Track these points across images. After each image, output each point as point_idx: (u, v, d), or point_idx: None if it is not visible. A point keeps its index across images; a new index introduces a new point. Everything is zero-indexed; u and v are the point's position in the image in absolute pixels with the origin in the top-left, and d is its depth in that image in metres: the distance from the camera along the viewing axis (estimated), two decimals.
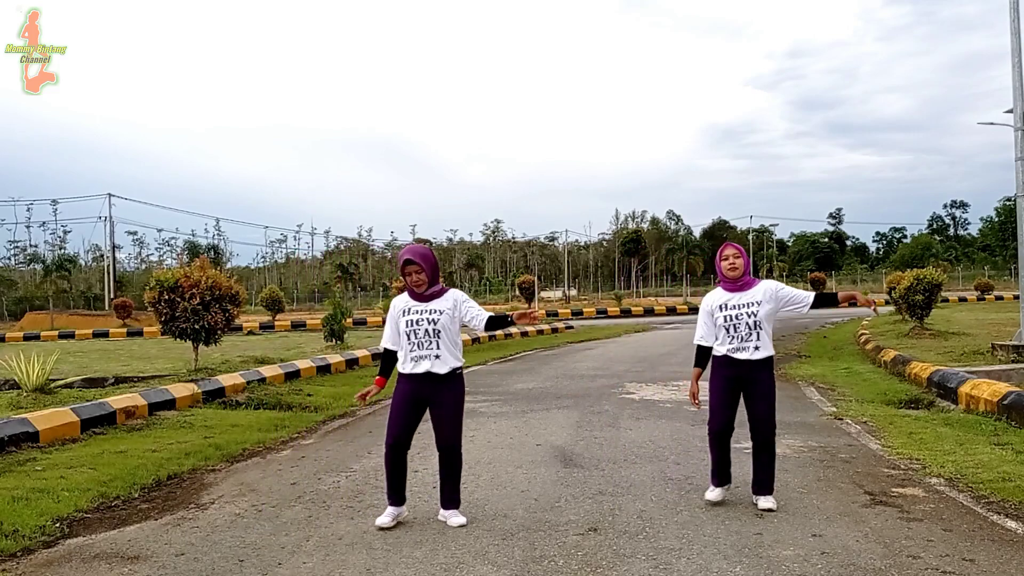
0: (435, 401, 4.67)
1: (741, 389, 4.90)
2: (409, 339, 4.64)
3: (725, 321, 4.86)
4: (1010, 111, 13.34)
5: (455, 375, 4.69)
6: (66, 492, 5.40)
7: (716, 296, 4.99)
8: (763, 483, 4.90)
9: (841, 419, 8.06)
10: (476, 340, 20.48)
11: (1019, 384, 8.58)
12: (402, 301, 4.75)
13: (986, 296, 40.40)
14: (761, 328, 4.82)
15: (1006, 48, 12.96)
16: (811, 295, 5.02)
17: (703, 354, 5.04)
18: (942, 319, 19.94)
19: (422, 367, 4.61)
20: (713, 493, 4.96)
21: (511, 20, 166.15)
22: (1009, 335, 13.88)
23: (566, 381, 11.95)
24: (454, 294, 4.77)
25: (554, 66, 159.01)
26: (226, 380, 10.59)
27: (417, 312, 4.64)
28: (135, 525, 4.83)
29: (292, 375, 12.21)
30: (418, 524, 4.66)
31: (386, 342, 4.80)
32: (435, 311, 4.63)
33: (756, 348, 4.82)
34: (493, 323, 4.76)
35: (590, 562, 3.94)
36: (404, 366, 4.68)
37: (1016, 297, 25.93)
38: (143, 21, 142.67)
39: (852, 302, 5.24)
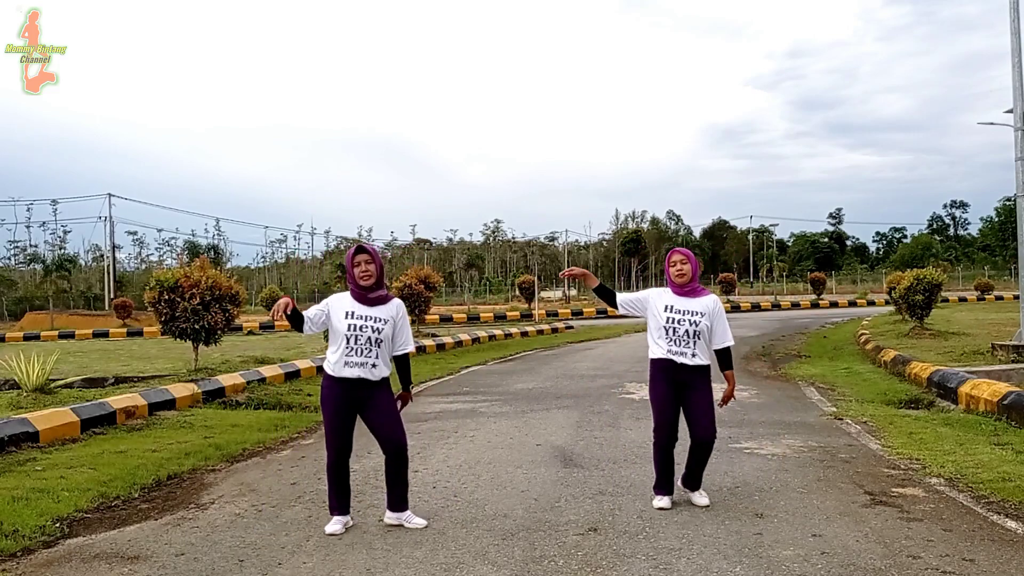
0: (368, 406, 4.54)
1: (680, 393, 4.89)
2: (348, 343, 4.45)
3: (666, 323, 4.86)
4: (1010, 111, 13.34)
5: (385, 381, 4.59)
6: (66, 492, 5.40)
7: (665, 295, 4.97)
8: (696, 479, 4.98)
9: (841, 419, 8.06)
10: (476, 340, 20.49)
11: (1019, 384, 8.59)
12: (344, 301, 4.57)
13: (986, 296, 40.39)
14: (699, 338, 4.83)
15: (1006, 48, 12.98)
16: (726, 344, 4.93)
17: (610, 293, 5.04)
18: (942, 319, 19.94)
19: (355, 373, 4.47)
20: (663, 501, 4.94)
21: (511, 20, 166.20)
22: (1009, 335, 13.88)
23: (566, 381, 11.95)
24: (399, 304, 4.66)
25: (554, 66, 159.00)
26: (226, 380, 10.59)
27: (361, 317, 4.48)
28: (135, 525, 4.83)
29: (292, 375, 12.22)
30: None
31: (307, 315, 4.53)
32: (380, 319, 4.50)
33: (693, 355, 4.83)
34: (401, 363, 4.68)
35: (590, 562, 3.94)
36: (335, 368, 4.51)
37: (1016, 297, 25.93)
38: (143, 21, 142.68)
39: (726, 380, 5.04)
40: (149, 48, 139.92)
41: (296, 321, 4.51)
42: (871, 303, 37.31)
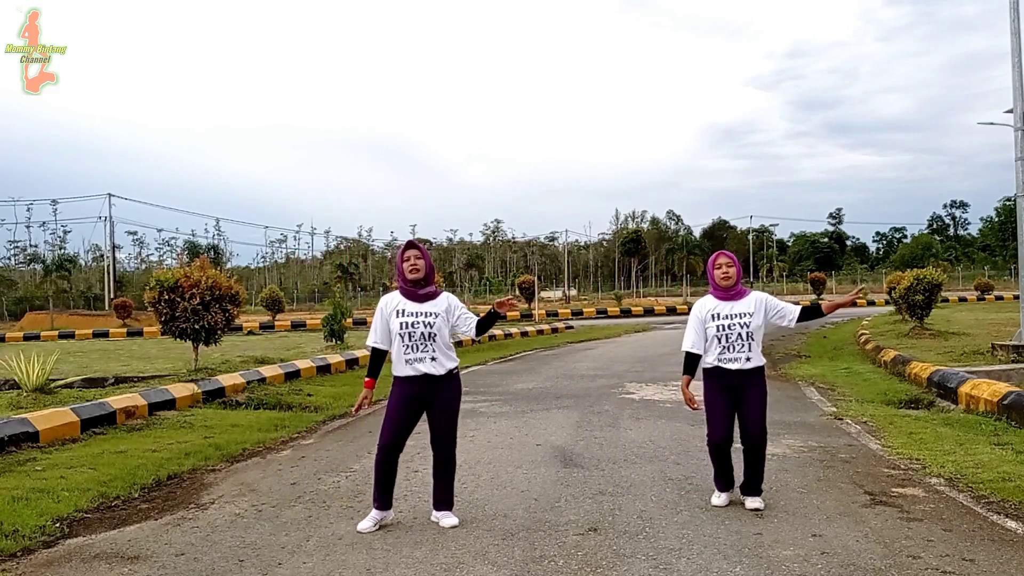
0: (432, 403, 4.62)
1: (735, 397, 4.86)
2: (404, 341, 4.55)
3: (717, 331, 4.80)
4: (1010, 111, 13.34)
5: (452, 375, 4.67)
6: (66, 492, 5.40)
7: (707, 304, 4.92)
8: (752, 485, 4.91)
9: (841, 419, 8.06)
10: (476, 340, 20.49)
11: (1019, 384, 8.58)
12: (394, 300, 4.65)
13: (986, 296, 40.40)
14: (753, 339, 4.79)
15: (1006, 48, 12.98)
16: (797, 309, 4.94)
17: (692, 361, 4.95)
18: (942, 319, 19.94)
19: (419, 370, 4.55)
20: (720, 498, 4.95)
21: (511, 20, 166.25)
22: (1009, 335, 13.88)
23: (566, 381, 11.95)
24: (448, 298, 4.73)
25: (554, 66, 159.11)
26: (226, 380, 10.59)
27: (412, 314, 4.56)
28: (135, 525, 4.82)
29: (292, 375, 12.22)
30: (418, 524, 4.66)
31: (375, 341, 4.66)
32: (430, 313, 4.57)
33: (748, 359, 4.78)
34: (482, 325, 4.70)
35: (590, 562, 3.94)
36: (399, 369, 4.59)
37: (1016, 297, 25.93)
38: (143, 21, 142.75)
39: (840, 307, 5.17)
40: (149, 48, 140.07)
41: (379, 360, 4.70)
42: (871, 303, 37.30)
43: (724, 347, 4.79)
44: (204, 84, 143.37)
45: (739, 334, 4.77)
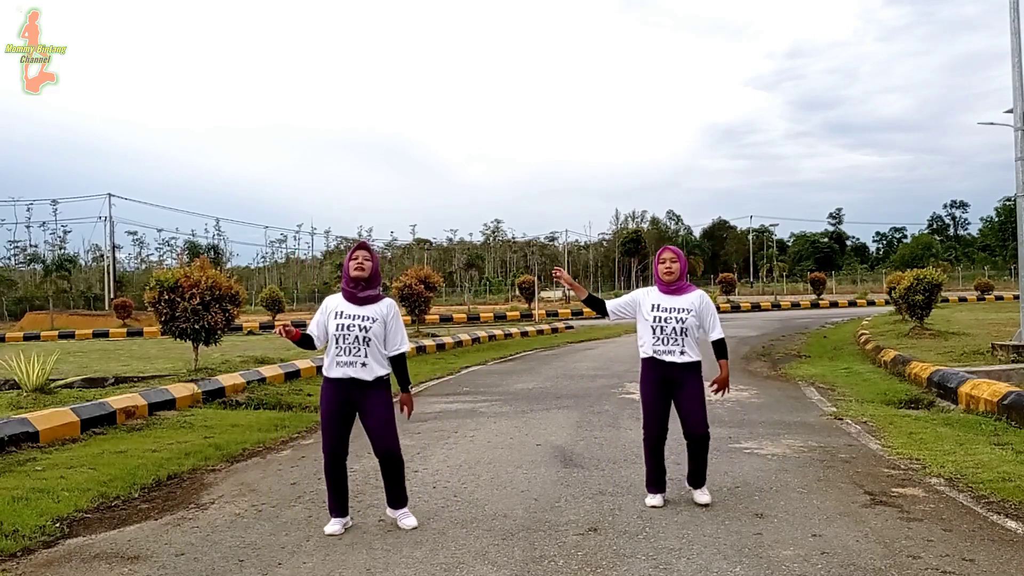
0: (363, 408, 4.54)
1: (670, 391, 4.92)
2: (337, 343, 4.48)
3: (653, 321, 4.89)
4: (1010, 111, 13.34)
5: (381, 381, 4.57)
6: (66, 492, 5.40)
7: (651, 294, 5.02)
8: (698, 478, 4.98)
9: (841, 419, 8.06)
10: (476, 340, 20.49)
11: (1019, 384, 8.59)
12: (334, 302, 4.62)
13: (986, 296, 40.38)
14: (687, 334, 4.85)
15: (1006, 48, 12.98)
16: (717, 336, 4.93)
17: (600, 305, 5.11)
18: (942, 319, 19.94)
19: (347, 373, 4.49)
20: (655, 499, 4.96)
21: (511, 20, 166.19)
22: (1009, 335, 13.88)
23: (566, 381, 11.95)
24: (390, 304, 4.65)
25: (554, 66, 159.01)
26: (226, 380, 10.59)
27: (349, 316, 4.50)
28: (135, 525, 4.83)
29: (292, 375, 12.23)
30: (418, 524, 4.66)
31: (311, 331, 4.61)
32: (367, 317, 4.50)
33: (682, 352, 4.85)
34: (397, 367, 4.63)
35: (590, 562, 3.94)
36: (329, 370, 4.55)
37: (1016, 297, 25.94)
38: (143, 21, 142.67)
39: (723, 381, 5.01)
40: (149, 48, 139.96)
41: (306, 343, 4.59)
42: (871, 303, 37.31)
43: (659, 339, 4.87)
44: (204, 84, 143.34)
45: (674, 328, 4.85)
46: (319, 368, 13.03)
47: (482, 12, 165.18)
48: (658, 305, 4.92)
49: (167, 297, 11.40)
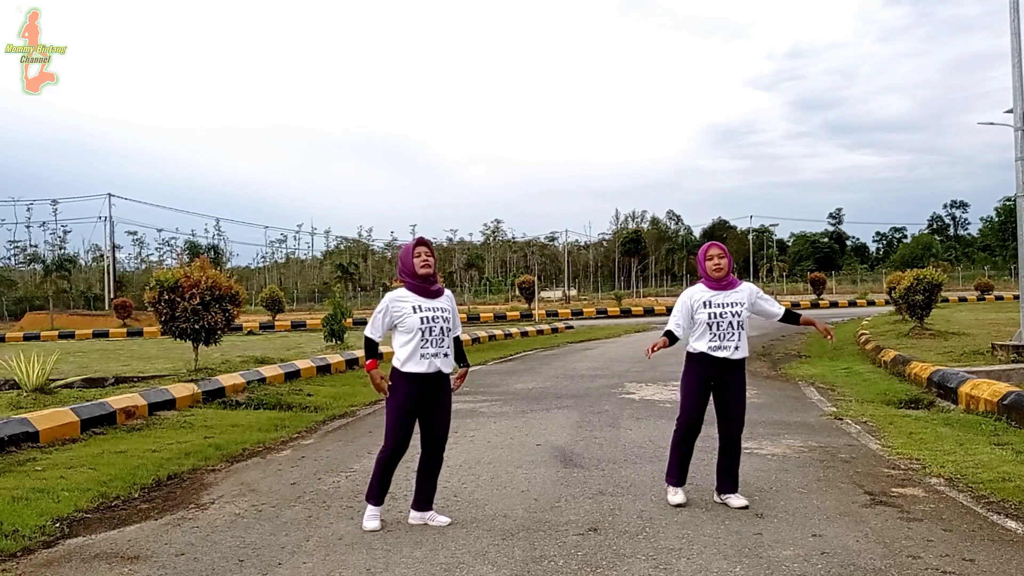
0: (436, 400, 4.61)
1: (714, 388, 4.92)
2: (424, 336, 4.49)
3: (709, 318, 4.85)
4: (1010, 111, 13.34)
5: (449, 375, 4.70)
6: (66, 492, 5.40)
7: (698, 292, 4.97)
8: (733, 481, 4.95)
9: (841, 419, 8.06)
10: (476, 340, 20.49)
11: (1019, 384, 8.59)
12: (408, 296, 4.57)
13: (986, 296, 40.41)
14: (743, 328, 4.86)
15: (1006, 48, 12.98)
16: (782, 309, 5.09)
17: (671, 337, 5.02)
18: (942, 319, 19.94)
19: (433, 366, 4.53)
20: (678, 496, 4.94)
21: (511, 20, 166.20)
22: (1009, 335, 13.87)
23: (566, 381, 11.95)
24: (450, 294, 4.77)
25: (554, 66, 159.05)
26: (226, 380, 10.59)
27: (430, 309, 4.55)
28: (135, 525, 4.82)
29: (292, 375, 12.21)
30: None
31: (373, 333, 4.57)
32: (444, 309, 4.60)
33: (736, 348, 4.85)
34: (459, 343, 4.75)
35: (590, 562, 3.94)
36: (411, 365, 4.50)
37: (1016, 297, 25.92)
38: (143, 21, 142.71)
39: (810, 326, 5.27)
40: (149, 48, 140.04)
41: (376, 346, 4.66)
42: (871, 303, 37.31)
43: (715, 335, 4.84)
44: (204, 84, 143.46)
45: (730, 323, 4.83)
46: (319, 368, 13.05)
47: (482, 12, 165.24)
48: (710, 302, 4.88)
49: (167, 297, 11.40)
